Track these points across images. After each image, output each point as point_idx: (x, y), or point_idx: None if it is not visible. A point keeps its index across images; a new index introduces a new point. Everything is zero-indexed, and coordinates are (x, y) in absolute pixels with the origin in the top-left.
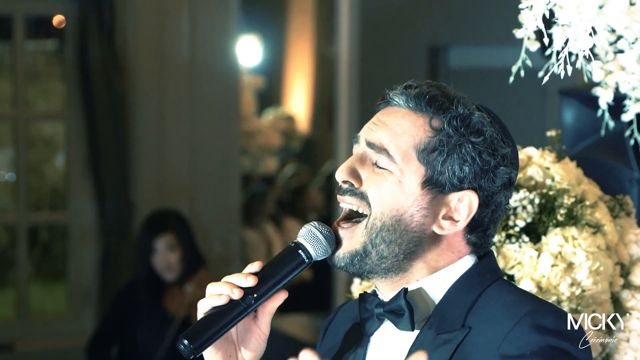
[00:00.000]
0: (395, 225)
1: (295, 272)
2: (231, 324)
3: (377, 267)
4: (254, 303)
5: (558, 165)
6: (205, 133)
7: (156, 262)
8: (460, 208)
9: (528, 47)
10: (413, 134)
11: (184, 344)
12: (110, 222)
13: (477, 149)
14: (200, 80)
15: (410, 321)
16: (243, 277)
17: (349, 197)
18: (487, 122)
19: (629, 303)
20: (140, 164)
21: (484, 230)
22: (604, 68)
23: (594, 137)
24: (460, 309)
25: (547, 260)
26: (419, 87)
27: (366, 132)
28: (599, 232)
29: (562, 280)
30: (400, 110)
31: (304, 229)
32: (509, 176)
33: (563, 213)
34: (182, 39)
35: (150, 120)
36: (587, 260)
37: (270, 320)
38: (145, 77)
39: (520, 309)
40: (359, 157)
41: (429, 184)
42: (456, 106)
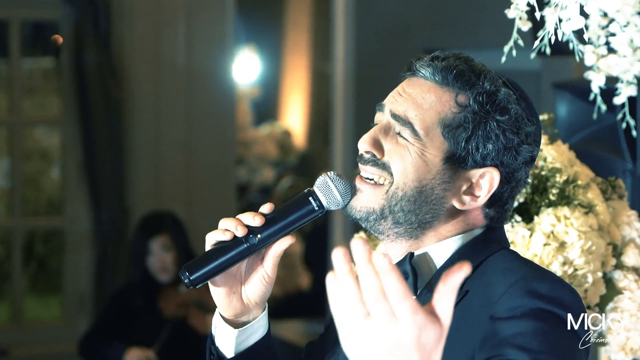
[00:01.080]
0: (417, 196)
1: (304, 220)
2: (231, 262)
3: (390, 231)
4: (257, 244)
5: (550, 147)
6: (201, 141)
7: (151, 264)
8: (482, 184)
9: (520, 26)
10: (438, 109)
11: (184, 274)
12: (106, 229)
13: (502, 127)
14: (196, 88)
15: (413, 285)
16: (251, 216)
17: (370, 167)
18: (512, 99)
19: (622, 283)
20: (136, 171)
21: (503, 205)
22: (596, 52)
23: (587, 130)
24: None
25: (539, 240)
26: (446, 60)
27: (391, 102)
28: (591, 212)
29: (555, 260)
30: (427, 84)
31: (321, 178)
32: (532, 154)
33: (555, 193)
34: (179, 45)
35: (146, 127)
36: (579, 240)
37: (275, 263)
38: (141, 83)
39: (516, 275)
40: (382, 128)
41: (452, 160)
42: (483, 82)
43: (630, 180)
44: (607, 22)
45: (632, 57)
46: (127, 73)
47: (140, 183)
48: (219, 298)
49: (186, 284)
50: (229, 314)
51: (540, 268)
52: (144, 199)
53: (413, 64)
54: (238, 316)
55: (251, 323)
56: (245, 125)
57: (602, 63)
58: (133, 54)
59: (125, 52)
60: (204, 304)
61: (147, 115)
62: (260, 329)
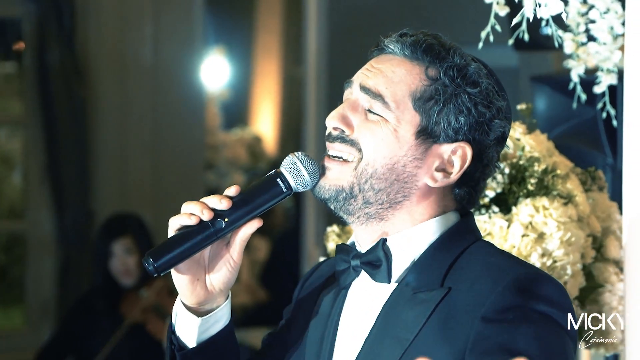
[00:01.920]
0: (387, 173)
1: (272, 202)
2: (198, 247)
3: (360, 211)
4: (224, 227)
5: (529, 136)
6: (168, 143)
7: (114, 267)
8: (454, 160)
9: (497, 11)
10: (409, 82)
11: (148, 261)
12: (70, 233)
13: (473, 100)
14: (164, 88)
15: (387, 272)
16: (217, 199)
17: (339, 144)
18: (483, 73)
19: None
20: (101, 174)
21: (473, 186)
22: (576, 40)
23: (567, 124)
24: (439, 268)
25: (517, 231)
26: (415, 36)
27: (360, 77)
28: (570, 203)
29: (533, 251)
30: (396, 58)
31: (288, 159)
32: (503, 130)
33: (534, 183)
34: (146, 44)
35: (111, 128)
36: (558, 231)
37: (242, 248)
38: (106, 83)
39: (504, 273)
40: (351, 104)
41: (424, 134)
42: (452, 56)
43: (610, 174)
44: (587, 9)
45: (612, 45)
46: (92, 72)
47: (106, 186)
48: (183, 286)
49: (150, 270)
50: (192, 302)
51: (522, 261)
52: (109, 202)
53: (381, 41)
54: (201, 304)
55: (215, 311)
56: (215, 128)
57: (581, 51)
58: (98, 53)
59: (90, 50)
60: (163, 309)
61: (113, 117)
62: (223, 317)
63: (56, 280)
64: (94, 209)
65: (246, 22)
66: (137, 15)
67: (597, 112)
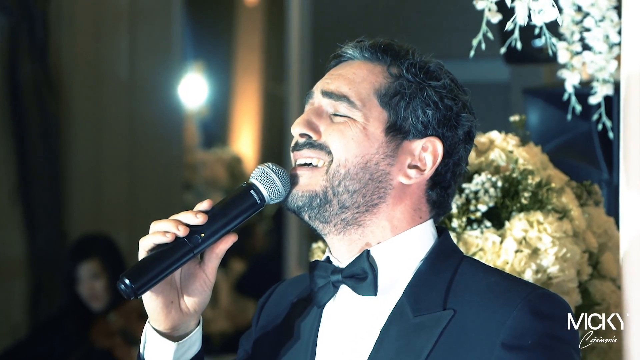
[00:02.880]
0: (360, 173)
1: (247, 214)
2: (176, 265)
3: (336, 218)
4: (201, 243)
5: (522, 149)
6: (145, 161)
7: (81, 291)
8: (425, 157)
9: (489, 18)
10: (372, 80)
11: (124, 283)
12: (42, 255)
13: (439, 93)
14: (140, 104)
15: (373, 285)
16: (192, 214)
17: (307, 150)
18: (444, 69)
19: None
20: (75, 193)
21: (445, 188)
22: (570, 49)
23: (560, 138)
24: (437, 290)
25: (510, 246)
26: (373, 40)
27: (321, 84)
28: (566, 218)
29: (527, 267)
30: (355, 62)
31: (257, 170)
32: (470, 125)
33: (527, 196)
34: (121, 58)
35: (85, 146)
36: (553, 246)
37: (217, 265)
38: (80, 98)
39: (513, 295)
40: (315, 110)
41: (393, 130)
42: (412, 54)
43: (606, 190)
44: (582, 17)
45: (608, 54)
46: (65, 87)
47: (79, 206)
48: (156, 310)
49: (127, 292)
50: (166, 327)
51: (519, 279)
52: (82, 223)
53: (338, 50)
54: (175, 328)
55: (190, 335)
56: (193, 147)
57: (576, 61)
58: (72, 67)
59: (64, 64)
60: (130, 334)
61: (87, 133)
62: (197, 341)
63: (27, 304)
64: (66, 230)
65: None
66: (112, 28)
67: (592, 126)
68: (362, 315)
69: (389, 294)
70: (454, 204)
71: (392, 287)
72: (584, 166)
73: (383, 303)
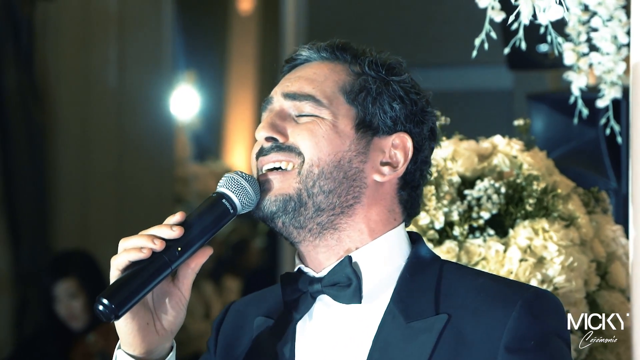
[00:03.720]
0: (334, 171)
1: (220, 224)
2: (155, 281)
3: (311, 222)
4: (179, 256)
5: (526, 154)
6: (134, 174)
7: (59, 310)
8: (397, 153)
9: (492, 17)
10: (335, 78)
11: (103, 304)
12: (26, 270)
13: (404, 88)
14: (129, 114)
15: (358, 292)
16: (167, 227)
17: (274, 154)
18: (404, 66)
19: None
20: (61, 206)
21: (415, 188)
22: (576, 50)
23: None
24: (426, 295)
25: (515, 255)
26: (328, 41)
27: (281, 88)
28: (572, 225)
29: (532, 277)
30: (314, 63)
31: (224, 178)
32: (433, 120)
33: (532, 203)
34: (110, 66)
35: (72, 157)
36: (559, 255)
37: (192, 280)
38: (67, 108)
39: (508, 296)
40: (278, 113)
41: (363, 126)
42: (370, 52)
43: (614, 199)
44: (588, 16)
45: (616, 56)
46: (51, 97)
47: (65, 220)
48: (132, 334)
49: (105, 314)
50: (142, 351)
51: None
52: (69, 238)
53: (292, 53)
54: (151, 352)
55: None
56: (185, 159)
57: (583, 62)
58: (58, 75)
59: (50, 72)
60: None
61: (74, 144)
62: None
63: (11, 322)
64: (52, 245)
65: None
66: (101, 35)
67: (599, 133)
68: (347, 325)
69: (374, 301)
70: (456, 211)
71: (377, 293)
72: (590, 174)
73: (369, 311)
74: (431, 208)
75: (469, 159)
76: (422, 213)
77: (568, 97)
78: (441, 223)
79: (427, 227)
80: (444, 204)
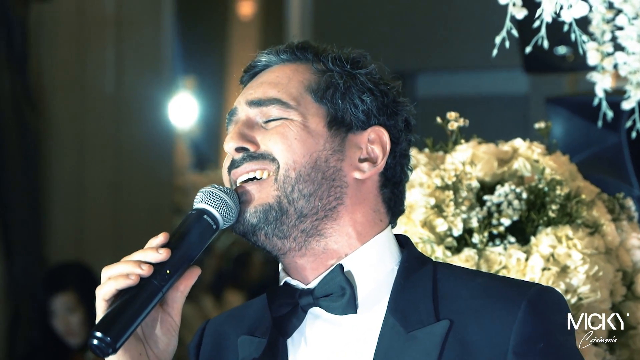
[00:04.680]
0: (312, 173)
1: (205, 241)
2: (148, 308)
3: (295, 230)
4: (168, 280)
5: (548, 158)
6: (132, 183)
7: (56, 326)
8: (374, 148)
9: (514, 14)
10: (299, 78)
11: (98, 338)
12: (20, 283)
13: (372, 80)
14: (127, 121)
15: (353, 301)
16: (153, 251)
17: (247, 163)
18: (368, 59)
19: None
20: (56, 216)
21: (397, 184)
22: (601, 49)
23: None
24: (424, 301)
25: (537, 263)
26: (287, 43)
27: (244, 96)
28: (597, 233)
29: (555, 286)
30: (275, 67)
31: (200, 194)
32: (407, 111)
33: (555, 209)
34: (107, 72)
35: (68, 165)
36: (583, 264)
37: (182, 304)
38: (63, 113)
39: (510, 296)
40: (244, 123)
41: (335, 123)
42: (332, 49)
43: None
44: (613, 14)
45: None
46: (46, 103)
47: (61, 231)
48: None
49: (102, 349)
50: None
51: (504, 277)
52: (64, 249)
53: (250, 62)
54: None
55: None
56: (184, 168)
57: (607, 62)
58: (53, 80)
59: (44, 76)
60: None
61: (70, 152)
62: None
63: (5, 335)
64: (47, 256)
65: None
66: (97, 38)
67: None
68: (343, 338)
69: (370, 310)
70: (475, 217)
71: (372, 301)
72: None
73: (365, 320)
74: (449, 214)
75: (488, 163)
76: (439, 219)
77: (588, 100)
78: (459, 230)
79: (445, 234)
80: (463, 210)
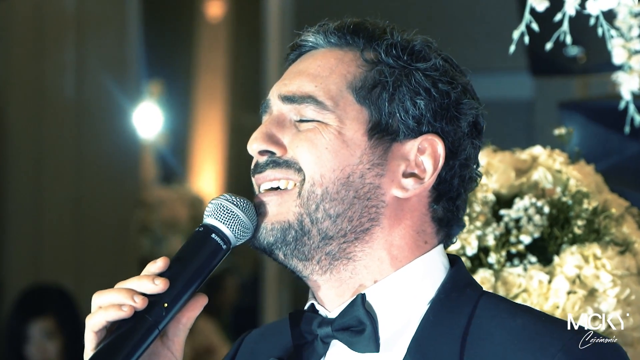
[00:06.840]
0: (342, 191)
1: (212, 265)
2: (142, 348)
3: (319, 252)
4: (165, 315)
5: (572, 167)
6: (94, 199)
7: (30, 353)
8: (424, 160)
9: (534, 6)
10: (343, 71)
11: None
12: None
13: (430, 78)
14: (88, 131)
15: (374, 338)
16: (149, 280)
17: (270, 170)
18: (433, 47)
19: None
20: (12, 236)
21: (454, 199)
22: (627, 46)
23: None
24: (451, 341)
25: (561, 286)
26: (339, 22)
27: (278, 88)
28: (628, 251)
29: (582, 312)
30: (320, 51)
31: (211, 205)
32: (476, 113)
33: (581, 225)
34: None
35: (25, 180)
36: (613, 287)
37: (184, 338)
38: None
39: (544, 339)
40: (275, 120)
41: (378, 131)
42: (391, 33)
43: None
44: None
45: None
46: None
47: (17, 251)
48: None
49: None
50: None
51: (555, 319)
52: (21, 271)
53: (296, 40)
54: None
55: None
56: (150, 183)
57: (635, 61)
58: (9, 85)
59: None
60: None
61: (26, 165)
62: None
63: None
64: (2, 279)
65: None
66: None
67: None
68: None
69: (394, 348)
70: (491, 234)
71: (398, 338)
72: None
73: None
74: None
75: (504, 174)
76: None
77: (608, 105)
78: (474, 249)
79: (458, 254)
80: (477, 226)
